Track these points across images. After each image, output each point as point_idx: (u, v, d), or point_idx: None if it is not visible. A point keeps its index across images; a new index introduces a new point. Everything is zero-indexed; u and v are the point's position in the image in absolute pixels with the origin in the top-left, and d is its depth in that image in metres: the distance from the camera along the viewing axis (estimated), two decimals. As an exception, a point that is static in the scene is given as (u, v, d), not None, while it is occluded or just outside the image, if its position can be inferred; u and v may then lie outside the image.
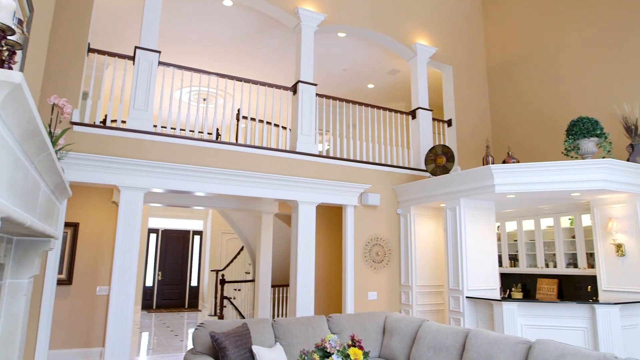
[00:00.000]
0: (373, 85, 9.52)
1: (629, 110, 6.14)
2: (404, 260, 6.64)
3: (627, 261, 5.40)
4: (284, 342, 4.26)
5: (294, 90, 6.44)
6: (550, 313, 4.96)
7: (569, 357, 2.97)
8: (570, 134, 5.42)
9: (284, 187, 5.93)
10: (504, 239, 7.77)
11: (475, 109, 8.29)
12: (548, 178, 5.11)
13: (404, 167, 7.07)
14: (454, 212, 5.81)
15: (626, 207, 5.48)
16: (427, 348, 4.07)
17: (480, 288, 5.66)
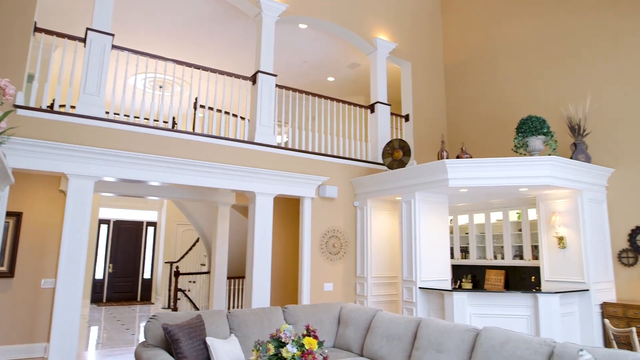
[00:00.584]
0: (333, 78, 9.56)
1: (573, 111, 6.48)
2: (359, 252, 6.74)
3: (568, 253, 5.72)
4: (239, 334, 4.24)
5: (254, 81, 6.37)
6: (497, 302, 5.19)
7: (512, 342, 3.12)
8: (519, 132, 5.65)
9: (242, 178, 5.87)
10: (456, 232, 8.03)
11: (431, 105, 8.49)
12: (498, 173, 5.32)
13: (361, 160, 7.15)
14: (409, 205, 5.94)
15: (568, 202, 5.79)
16: (381, 337, 4.17)
17: (433, 279, 5.84)
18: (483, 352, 3.24)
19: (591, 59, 6.49)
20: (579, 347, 2.74)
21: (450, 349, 3.49)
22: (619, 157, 6.02)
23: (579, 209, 5.66)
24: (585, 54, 6.57)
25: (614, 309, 5.47)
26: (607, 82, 6.28)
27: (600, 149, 6.19)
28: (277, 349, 2.79)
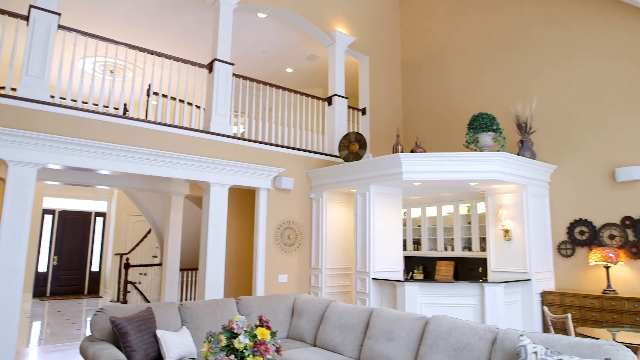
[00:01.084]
0: (292, 69, 9.50)
1: (521, 109, 6.77)
2: (314, 244, 6.78)
3: (513, 245, 6.00)
4: (191, 326, 4.17)
5: (210, 69, 6.23)
6: (447, 292, 5.37)
7: (459, 330, 3.24)
8: (471, 128, 5.84)
9: (196, 168, 5.75)
10: (409, 225, 8.23)
11: (388, 100, 8.62)
12: (450, 167, 5.48)
13: (318, 152, 7.18)
14: (364, 197, 6.03)
15: (514, 197, 6.06)
16: (334, 327, 4.22)
17: (386, 270, 5.97)
18: (431, 340, 3.35)
19: (539, 61, 6.80)
20: (519, 333, 2.89)
21: (400, 337, 3.58)
22: (561, 154, 6.35)
23: (524, 203, 5.94)
24: (534, 56, 6.87)
25: (552, 297, 5.80)
26: (552, 83, 6.59)
27: (545, 147, 6.51)
28: (229, 340, 2.77)
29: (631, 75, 5.83)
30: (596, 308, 5.40)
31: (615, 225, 5.75)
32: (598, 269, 5.81)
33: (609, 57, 6.05)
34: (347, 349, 3.99)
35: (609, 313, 5.29)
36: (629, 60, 5.87)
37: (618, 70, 5.96)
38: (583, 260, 5.99)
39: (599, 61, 6.15)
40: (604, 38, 6.13)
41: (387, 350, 3.59)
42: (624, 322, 5.15)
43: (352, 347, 3.97)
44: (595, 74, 6.16)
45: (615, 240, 5.74)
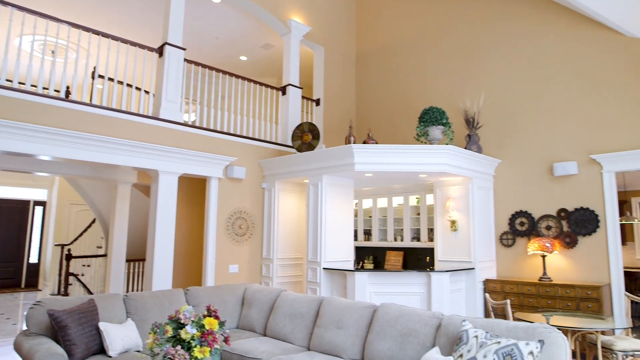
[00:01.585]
0: (246, 57, 9.34)
1: (469, 105, 7.00)
2: (266, 234, 6.75)
3: (459, 235, 6.23)
4: (136, 318, 4.05)
5: (160, 53, 6.01)
6: (395, 281, 5.51)
7: (405, 316, 3.34)
8: (421, 121, 5.99)
9: (144, 155, 5.55)
10: (360, 215, 8.36)
11: (342, 91, 8.67)
12: (401, 159, 5.60)
13: (271, 142, 7.12)
14: (316, 187, 6.05)
15: (461, 189, 6.28)
16: (284, 316, 4.23)
17: (337, 260, 6.04)
18: (379, 327, 3.43)
19: (487, 58, 7.05)
20: (462, 318, 3.01)
21: (349, 324, 3.64)
22: (505, 149, 6.64)
23: (470, 196, 6.17)
24: (482, 53, 7.11)
25: (494, 284, 6.09)
26: (499, 80, 6.86)
27: (490, 141, 6.79)
28: (175, 331, 2.71)
29: (570, 76, 6.16)
30: (533, 294, 5.72)
31: (552, 217, 6.09)
32: (536, 258, 6.15)
33: (551, 58, 6.36)
34: (297, 338, 4.01)
35: (544, 299, 5.62)
36: (569, 62, 6.20)
37: (558, 71, 6.28)
38: (522, 249, 6.31)
39: (542, 62, 6.45)
40: (548, 40, 6.44)
41: (336, 338, 3.64)
42: (557, 307, 5.49)
43: (302, 335, 4.00)
44: (538, 74, 6.46)
45: (551, 230, 6.08)
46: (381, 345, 3.32)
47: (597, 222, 5.71)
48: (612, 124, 5.75)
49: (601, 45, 5.94)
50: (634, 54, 5.67)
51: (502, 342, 2.50)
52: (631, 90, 5.65)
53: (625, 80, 5.71)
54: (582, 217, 5.83)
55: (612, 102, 5.78)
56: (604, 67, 5.90)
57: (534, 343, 2.46)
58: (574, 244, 5.87)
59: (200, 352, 2.66)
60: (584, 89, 6.03)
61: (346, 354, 3.54)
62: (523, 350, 2.42)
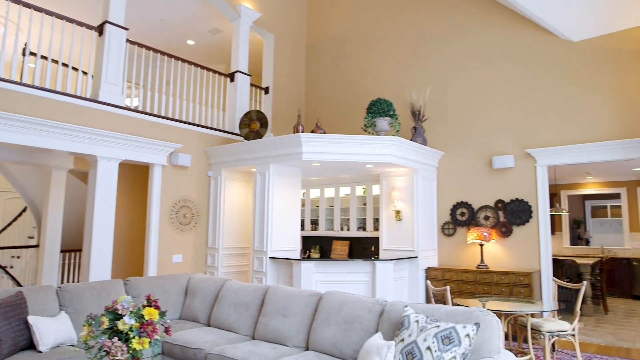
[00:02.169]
0: (193, 42, 9.05)
1: (415, 98, 7.17)
2: (212, 223, 6.61)
3: (403, 225, 6.39)
4: (71, 310, 3.85)
5: (100, 31, 5.69)
6: (341, 270, 5.58)
7: (350, 304, 3.39)
8: (369, 112, 6.06)
9: (81, 140, 5.25)
10: (308, 205, 8.38)
11: (291, 80, 8.61)
12: (349, 150, 5.65)
13: (218, 129, 6.96)
14: (263, 176, 5.99)
15: (406, 180, 6.44)
16: (229, 305, 4.17)
17: (283, 249, 6.02)
18: (324, 314, 3.46)
19: (434, 53, 7.23)
20: (404, 304, 3.09)
21: (295, 313, 3.65)
22: (448, 142, 6.87)
23: (414, 186, 6.34)
24: (431, 48, 7.29)
25: (435, 272, 6.31)
26: (444, 75, 7.07)
27: (435, 134, 6.99)
28: (112, 322, 2.59)
29: (509, 74, 6.46)
30: (471, 281, 5.99)
31: (490, 208, 6.39)
32: (474, 246, 6.43)
33: (493, 57, 6.63)
34: (242, 327, 3.97)
35: (481, 285, 5.90)
36: (509, 61, 6.48)
37: (499, 68, 6.56)
38: (462, 238, 6.59)
39: (484, 59, 6.71)
40: (490, 39, 6.69)
41: (281, 326, 3.64)
42: (493, 293, 5.78)
43: (247, 324, 3.96)
44: (481, 71, 6.72)
45: (489, 220, 6.38)
46: (326, 332, 3.35)
47: (530, 212, 6.05)
48: (546, 121, 6.09)
49: (539, 46, 6.25)
50: (568, 56, 6.02)
51: (441, 326, 2.59)
52: (564, 90, 6.00)
53: (559, 81, 6.06)
54: (517, 208, 6.15)
55: (547, 100, 6.12)
56: (540, 67, 6.22)
57: (470, 326, 2.57)
58: (509, 233, 6.19)
59: (139, 344, 2.56)
60: (522, 87, 6.34)
61: (291, 342, 3.55)
62: (460, 332, 2.53)
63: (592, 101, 5.79)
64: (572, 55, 6.00)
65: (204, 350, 3.54)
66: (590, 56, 5.86)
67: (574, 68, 5.96)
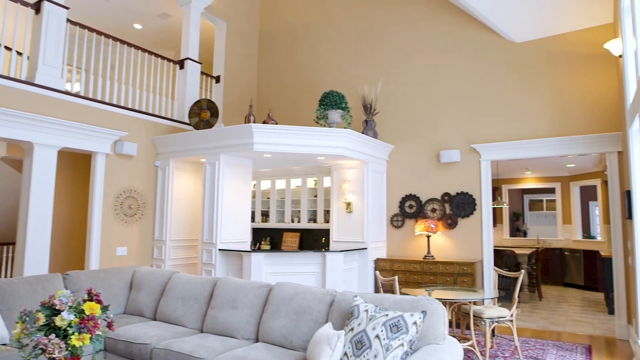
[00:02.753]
0: (141, 26, 8.67)
1: (367, 91, 7.25)
2: (159, 214, 6.41)
3: (353, 217, 6.47)
4: (2, 307, 3.60)
5: (37, 9, 5.32)
6: (291, 261, 5.58)
7: (300, 294, 3.39)
8: (321, 104, 6.07)
9: (15, 125, 4.91)
10: (258, 197, 8.31)
11: (243, 69, 8.46)
12: (300, 141, 5.63)
13: (166, 117, 6.73)
14: (213, 167, 5.86)
15: (357, 172, 6.52)
16: (176, 299, 4.06)
17: (233, 241, 5.94)
18: (275, 305, 3.44)
19: (385, 47, 7.34)
20: (354, 294, 3.13)
21: (244, 304, 3.60)
22: (398, 135, 7.01)
23: (365, 179, 6.43)
24: (383, 42, 7.39)
25: (384, 263, 6.45)
26: (396, 70, 7.19)
27: (385, 127, 7.12)
28: (49, 318, 2.44)
29: (457, 72, 6.67)
30: (418, 271, 6.18)
31: (437, 200, 6.60)
32: (421, 238, 6.63)
33: (442, 54, 6.82)
34: (190, 320, 3.88)
35: (427, 275, 6.10)
36: (457, 59, 6.69)
37: (448, 65, 6.75)
38: (410, 230, 6.76)
39: (434, 56, 6.88)
40: (440, 36, 6.87)
41: (230, 319, 3.59)
42: (438, 282, 5.99)
43: (195, 318, 3.88)
44: (429, 67, 6.89)
45: (436, 213, 6.59)
46: (276, 323, 3.34)
47: (475, 205, 6.31)
48: (490, 118, 6.35)
49: (485, 45, 6.49)
50: (511, 56, 6.30)
51: (389, 315, 2.65)
52: (507, 88, 6.28)
53: (503, 79, 6.32)
54: (462, 201, 6.39)
55: (491, 98, 6.37)
56: (486, 66, 6.46)
57: (417, 314, 2.64)
58: (454, 225, 6.42)
59: (78, 340, 2.43)
60: (468, 84, 6.56)
61: (240, 334, 3.51)
62: (408, 320, 2.59)
63: (532, 100, 6.09)
64: (515, 55, 6.28)
65: (150, 345, 3.43)
66: (532, 57, 6.16)
67: (517, 68, 6.24)
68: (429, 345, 2.68)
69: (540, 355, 4.64)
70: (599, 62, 5.73)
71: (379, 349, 2.51)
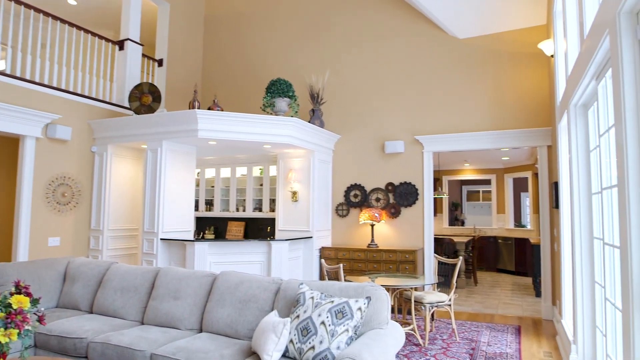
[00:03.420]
0: (76, 2, 8.12)
1: (315, 81, 7.25)
2: (96, 203, 6.10)
3: (299, 205, 6.49)
4: None
5: (-46, -23, 4.85)
6: (236, 250, 5.51)
7: (246, 283, 3.36)
8: (268, 92, 6.00)
9: None
10: (202, 185, 8.12)
11: (188, 54, 8.18)
12: (247, 129, 5.55)
13: (104, 101, 6.38)
14: (155, 153, 5.65)
15: (303, 161, 6.52)
16: (115, 290, 3.89)
17: (176, 230, 5.77)
18: (219, 294, 3.39)
19: (335, 38, 7.35)
20: (300, 282, 3.15)
21: (188, 294, 3.52)
22: (345, 126, 7.08)
23: (311, 168, 6.45)
24: (332, 32, 7.39)
25: (329, 252, 6.53)
26: (343, 60, 7.23)
27: (332, 117, 7.16)
28: (-31, 313, 2.26)
29: (403, 64, 6.81)
30: (362, 259, 6.31)
31: (381, 190, 6.75)
32: (366, 227, 6.76)
33: (389, 46, 6.93)
34: (129, 312, 3.74)
35: (371, 263, 6.24)
36: (403, 52, 6.83)
37: (394, 58, 6.88)
38: (355, 219, 6.88)
39: (381, 48, 6.99)
40: (387, 29, 6.97)
41: (173, 309, 3.49)
42: (382, 270, 6.15)
43: (135, 309, 3.74)
44: (376, 58, 6.99)
45: (380, 202, 6.74)
46: (220, 312, 3.29)
47: (417, 195, 6.51)
48: (434, 111, 6.55)
49: (430, 41, 6.67)
50: (454, 51, 6.51)
51: (335, 301, 2.68)
52: (449, 82, 6.50)
53: (447, 74, 6.54)
54: (405, 191, 6.57)
55: (435, 91, 6.57)
56: (429, 59, 6.65)
57: (362, 300, 2.69)
58: (397, 214, 6.60)
59: (4, 336, 2.27)
60: (413, 76, 6.73)
61: (184, 325, 3.43)
62: (353, 306, 2.64)
63: (473, 95, 6.35)
64: (457, 51, 6.50)
65: (86, 340, 3.27)
66: (473, 53, 6.41)
67: (459, 63, 6.47)
68: (373, 330, 2.75)
69: (475, 337, 4.90)
70: (533, 61, 6.06)
71: (325, 334, 2.54)
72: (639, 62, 2.02)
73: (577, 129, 3.74)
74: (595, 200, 3.43)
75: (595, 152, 3.38)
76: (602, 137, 2.85)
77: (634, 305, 1.97)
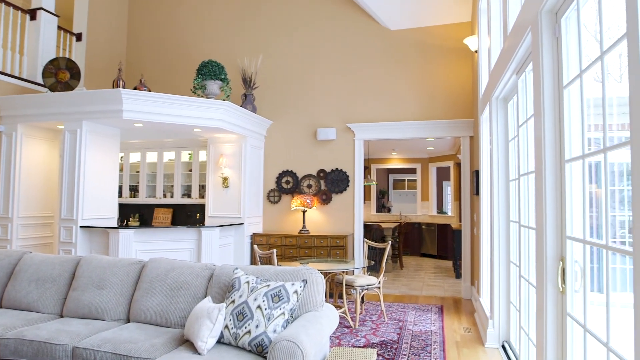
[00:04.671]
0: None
1: (247, 64, 7.09)
2: (3, 188, 5.56)
3: (230, 192, 6.37)
4: None
5: None
6: (164, 237, 5.31)
7: (177, 270, 3.24)
8: (199, 74, 5.78)
9: None
10: (126, 170, 7.70)
11: (111, 29, 7.64)
12: (176, 111, 5.32)
13: (13, 76, 5.80)
14: (74, 135, 5.25)
15: (235, 146, 6.39)
16: (29, 282, 3.59)
17: (97, 217, 5.43)
18: (148, 282, 3.25)
19: (269, 22, 7.22)
20: (234, 267, 3.10)
21: (113, 283, 3.33)
22: (277, 111, 7.03)
23: (243, 153, 6.34)
24: (265, 15, 7.25)
25: (260, 238, 6.49)
26: (277, 45, 7.14)
27: (265, 103, 7.07)
28: None
29: (335, 53, 6.86)
30: (294, 245, 6.34)
31: (313, 177, 6.80)
32: (297, 213, 6.79)
33: (322, 34, 6.95)
34: (47, 305, 3.47)
35: (302, 249, 6.30)
36: (336, 40, 6.88)
37: (327, 46, 6.91)
38: (287, 205, 6.89)
39: (314, 35, 6.98)
40: (320, 16, 6.97)
41: (97, 300, 3.29)
42: (313, 255, 6.23)
43: (53, 301, 3.47)
44: (311, 46, 6.98)
45: (312, 189, 6.80)
46: (149, 301, 3.16)
47: (348, 182, 6.64)
48: (365, 99, 6.69)
49: (362, 30, 6.77)
50: (385, 42, 6.67)
51: (271, 285, 2.68)
52: (381, 72, 6.66)
53: (378, 64, 6.69)
54: (336, 178, 6.68)
55: (366, 79, 6.71)
56: (361, 48, 6.76)
57: (298, 283, 2.71)
58: (329, 201, 6.70)
59: None
60: (345, 64, 6.81)
61: (109, 315, 3.25)
62: (289, 290, 2.65)
63: (403, 85, 6.56)
64: (389, 42, 6.67)
65: (-5, 335, 2.99)
66: (403, 45, 6.61)
67: (390, 54, 6.65)
68: (309, 313, 2.78)
69: (402, 317, 5.13)
70: (459, 55, 6.37)
71: (261, 318, 2.53)
72: (556, 58, 2.19)
73: (497, 120, 4.00)
74: (513, 187, 3.71)
75: (513, 141, 3.64)
76: (521, 128, 3.07)
77: (547, 279, 2.17)
